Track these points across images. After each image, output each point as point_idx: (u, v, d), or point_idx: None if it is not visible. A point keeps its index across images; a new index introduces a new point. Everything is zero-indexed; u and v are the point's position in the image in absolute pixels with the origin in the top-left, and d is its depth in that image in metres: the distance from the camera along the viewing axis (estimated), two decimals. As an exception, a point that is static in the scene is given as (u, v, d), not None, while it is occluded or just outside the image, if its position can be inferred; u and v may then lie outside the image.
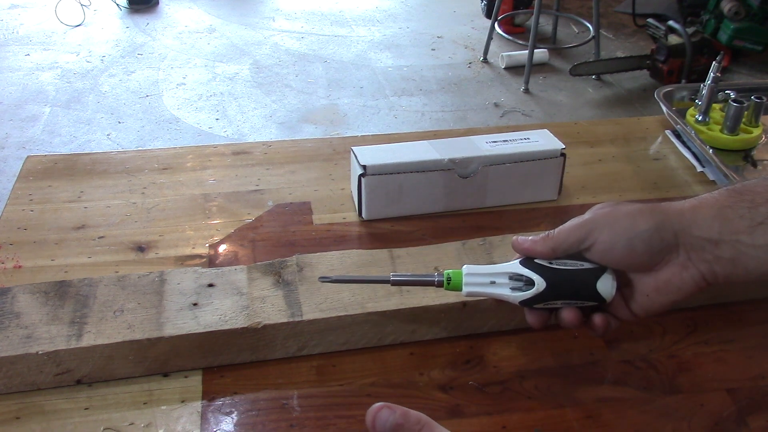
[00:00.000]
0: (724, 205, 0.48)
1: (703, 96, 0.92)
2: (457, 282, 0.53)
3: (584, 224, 0.51)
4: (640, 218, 0.49)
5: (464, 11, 3.83)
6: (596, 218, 0.51)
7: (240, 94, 2.93)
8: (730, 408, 0.57)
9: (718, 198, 0.49)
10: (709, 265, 0.49)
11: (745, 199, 0.48)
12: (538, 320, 0.54)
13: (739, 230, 0.47)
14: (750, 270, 0.48)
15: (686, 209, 0.49)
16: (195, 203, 0.79)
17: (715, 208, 0.49)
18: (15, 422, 0.54)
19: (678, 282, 0.50)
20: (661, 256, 0.50)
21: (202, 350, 0.58)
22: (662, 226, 0.49)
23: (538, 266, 0.52)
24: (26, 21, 3.56)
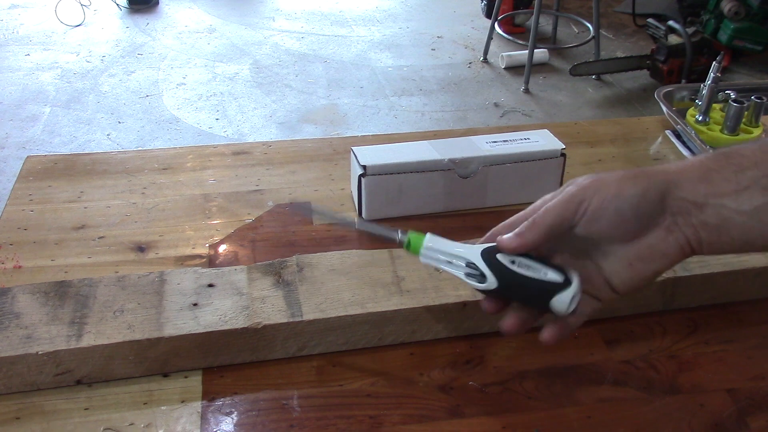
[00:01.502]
0: (710, 168, 0.47)
1: (703, 96, 0.92)
2: (416, 248, 0.52)
3: (572, 198, 0.48)
4: (626, 184, 0.47)
5: (464, 11, 3.83)
6: (584, 189, 0.48)
7: (240, 94, 2.93)
8: (730, 408, 0.57)
9: (704, 161, 0.47)
10: (695, 230, 0.47)
11: (732, 163, 0.46)
12: (491, 307, 0.52)
13: (724, 194, 0.45)
14: (734, 237, 0.46)
15: (672, 172, 0.47)
16: (195, 203, 0.79)
17: (701, 170, 0.47)
18: (15, 422, 0.54)
19: (663, 247, 0.48)
20: (648, 221, 0.47)
21: (202, 350, 0.58)
22: (649, 190, 0.47)
23: (497, 264, 0.49)
24: (26, 21, 3.56)
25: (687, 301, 0.66)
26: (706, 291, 0.66)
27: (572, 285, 0.47)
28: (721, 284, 0.66)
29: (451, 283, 0.62)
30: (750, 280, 0.66)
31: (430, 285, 0.62)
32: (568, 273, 0.48)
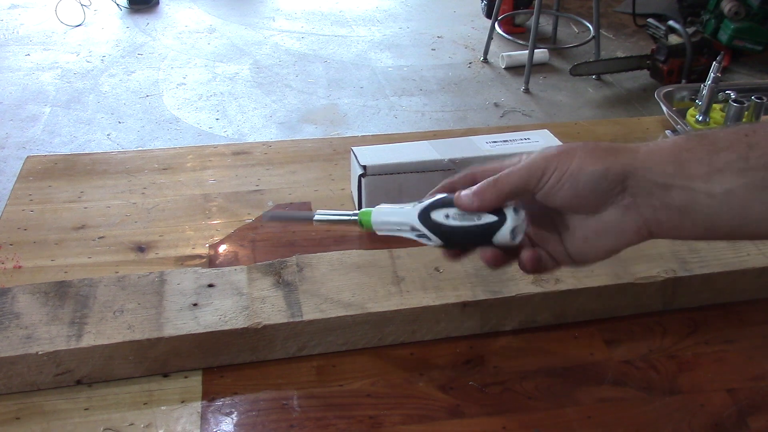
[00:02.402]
0: (682, 148, 0.46)
1: (703, 96, 0.92)
2: (368, 225, 0.53)
3: (536, 166, 0.47)
4: (589, 159, 0.46)
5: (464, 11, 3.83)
6: (548, 159, 0.47)
7: (240, 94, 2.93)
8: (730, 408, 0.57)
9: (678, 141, 0.46)
10: (654, 212, 0.46)
11: (706, 144, 0.45)
12: (452, 256, 0.52)
13: (695, 175, 0.44)
14: (697, 222, 0.45)
15: (641, 152, 0.46)
16: (195, 203, 0.79)
17: (672, 152, 0.46)
18: (15, 422, 0.54)
19: (618, 225, 0.47)
20: (605, 198, 0.47)
21: (202, 350, 0.58)
22: (611, 168, 0.46)
23: (433, 223, 0.50)
24: (26, 21, 3.56)
25: (687, 301, 0.66)
26: (706, 291, 0.66)
27: (507, 220, 0.48)
28: (721, 284, 0.66)
29: (451, 283, 0.62)
30: (750, 280, 0.66)
31: (430, 285, 0.62)
32: (503, 209, 0.49)
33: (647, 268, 0.65)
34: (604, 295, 0.64)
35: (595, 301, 0.64)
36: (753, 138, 0.43)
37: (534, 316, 0.63)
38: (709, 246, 0.67)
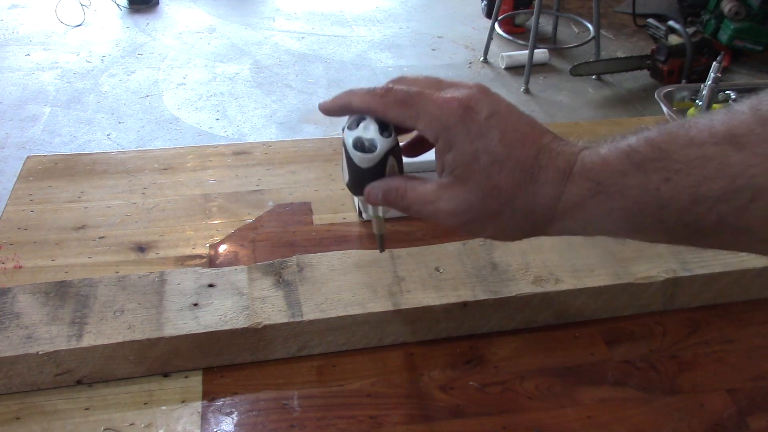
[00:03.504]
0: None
1: (703, 96, 0.92)
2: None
3: (456, 219, 0.45)
4: (507, 233, 0.45)
5: (464, 11, 3.83)
6: (471, 218, 0.44)
7: (240, 94, 2.93)
8: (730, 408, 0.57)
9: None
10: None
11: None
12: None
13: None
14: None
15: (558, 209, 0.43)
16: (195, 203, 0.79)
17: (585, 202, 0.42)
18: (15, 422, 0.54)
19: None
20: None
21: (202, 350, 0.58)
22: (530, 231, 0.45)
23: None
24: (26, 21, 3.56)
25: (687, 301, 0.66)
26: (706, 291, 0.66)
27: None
28: (721, 284, 0.66)
29: (451, 283, 0.62)
30: (750, 280, 0.66)
31: (430, 285, 0.62)
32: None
33: (647, 268, 0.65)
34: (604, 295, 0.64)
35: (595, 301, 0.64)
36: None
37: (534, 316, 0.63)
38: (709, 246, 0.67)
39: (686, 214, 0.39)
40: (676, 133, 0.39)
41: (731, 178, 0.37)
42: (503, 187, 0.43)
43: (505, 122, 0.44)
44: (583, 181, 0.41)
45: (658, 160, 0.39)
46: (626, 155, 0.40)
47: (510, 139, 0.43)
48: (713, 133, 0.37)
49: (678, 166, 0.38)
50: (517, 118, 0.45)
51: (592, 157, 0.42)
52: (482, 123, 0.44)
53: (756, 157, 0.36)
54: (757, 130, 0.36)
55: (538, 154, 0.43)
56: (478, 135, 0.43)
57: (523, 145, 0.43)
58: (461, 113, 0.44)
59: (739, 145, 0.36)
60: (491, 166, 0.43)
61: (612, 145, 0.41)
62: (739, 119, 0.37)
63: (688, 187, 0.38)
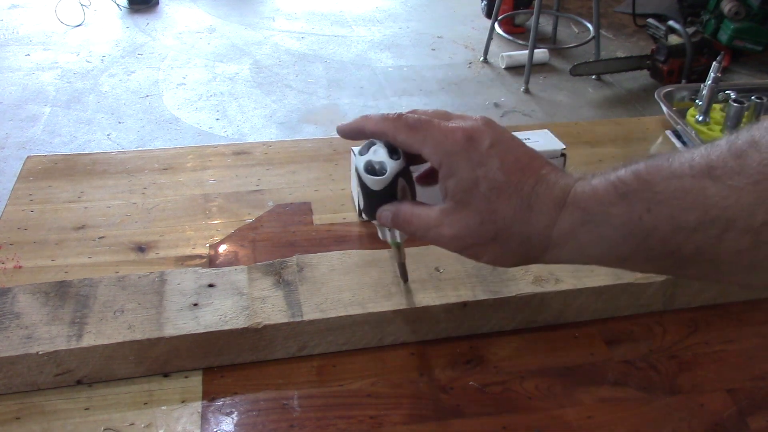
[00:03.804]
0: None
1: (703, 96, 0.92)
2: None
3: (452, 245, 0.48)
4: (500, 259, 0.47)
5: (464, 11, 3.83)
6: (464, 245, 0.47)
7: (240, 94, 2.93)
8: (730, 408, 0.57)
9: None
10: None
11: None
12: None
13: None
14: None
15: (553, 241, 0.45)
16: (195, 203, 0.79)
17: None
18: (15, 422, 0.54)
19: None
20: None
21: (202, 350, 0.58)
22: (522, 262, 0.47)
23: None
24: (26, 21, 3.56)
25: (687, 301, 0.66)
26: (706, 291, 0.66)
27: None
28: (721, 284, 0.66)
29: (451, 283, 0.62)
30: (750, 280, 0.66)
31: (430, 285, 0.62)
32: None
33: (647, 268, 0.65)
34: (604, 295, 0.64)
35: (595, 301, 0.64)
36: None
37: (534, 316, 0.63)
38: (709, 246, 0.67)
39: (667, 243, 0.40)
40: (660, 166, 0.41)
41: (706, 209, 0.38)
42: (501, 213, 0.45)
43: (506, 152, 0.46)
44: (574, 210, 0.43)
45: (642, 191, 0.41)
46: (613, 186, 0.42)
47: (510, 168, 0.45)
48: (692, 165, 0.39)
49: (659, 197, 0.40)
50: (518, 149, 0.47)
51: (584, 188, 0.44)
52: (484, 152, 0.46)
53: (729, 189, 0.38)
54: (731, 163, 0.38)
55: (535, 184, 0.45)
56: (479, 163, 0.45)
57: (523, 174, 0.45)
58: (464, 142, 0.46)
59: (715, 178, 0.38)
60: (490, 192, 0.45)
61: (603, 177, 0.44)
62: (717, 153, 0.39)
63: (667, 217, 0.40)
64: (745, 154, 0.37)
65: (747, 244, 0.37)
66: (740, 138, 0.38)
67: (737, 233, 0.38)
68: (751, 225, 0.37)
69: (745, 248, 0.38)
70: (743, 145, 0.38)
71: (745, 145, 0.38)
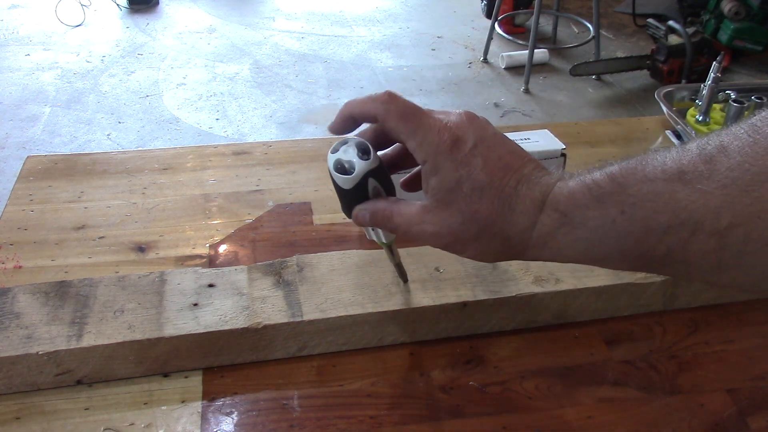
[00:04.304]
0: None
1: (703, 96, 0.92)
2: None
3: (432, 240, 0.48)
4: (481, 254, 0.47)
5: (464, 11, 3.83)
6: (443, 243, 0.47)
7: (240, 94, 2.93)
8: (730, 408, 0.57)
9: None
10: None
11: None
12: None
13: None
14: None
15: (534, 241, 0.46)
16: (195, 203, 0.79)
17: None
18: (15, 422, 0.54)
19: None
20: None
21: (202, 350, 0.58)
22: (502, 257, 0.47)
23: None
24: (26, 21, 3.56)
25: (687, 301, 0.66)
26: (706, 291, 0.66)
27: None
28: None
29: (451, 283, 0.62)
30: (750, 280, 0.66)
31: (430, 285, 0.62)
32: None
33: (647, 268, 0.65)
34: (604, 295, 0.64)
35: (595, 301, 0.64)
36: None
37: (534, 316, 0.63)
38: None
39: (640, 244, 0.41)
40: (634, 169, 0.42)
41: (676, 212, 0.39)
42: (483, 213, 0.45)
43: (489, 151, 0.46)
44: (552, 212, 0.44)
45: (616, 193, 0.42)
46: (589, 189, 0.43)
47: (492, 168, 0.46)
48: (665, 169, 0.40)
49: (632, 200, 0.41)
50: (501, 147, 0.47)
51: (562, 189, 0.44)
52: (468, 152, 0.46)
53: (698, 192, 0.38)
54: (700, 168, 0.39)
55: (517, 184, 0.45)
56: (463, 163, 0.46)
57: (504, 174, 0.45)
58: (451, 142, 0.46)
59: (685, 182, 0.39)
60: (472, 193, 0.45)
61: (579, 179, 0.44)
62: (688, 157, 0.40)
63: (640, 220, 0.41)
64: (714, 159, 0.38)
65: (713, 246, 0.38)
66: (710, 143, 0.39)
67: (704, 236, 0.38)
68: (717, 228, 0.38)
69: (712, 250, 0.39)
70: (713, 151, 0.39)
71: (714, 151, 0.39)
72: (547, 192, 0.45)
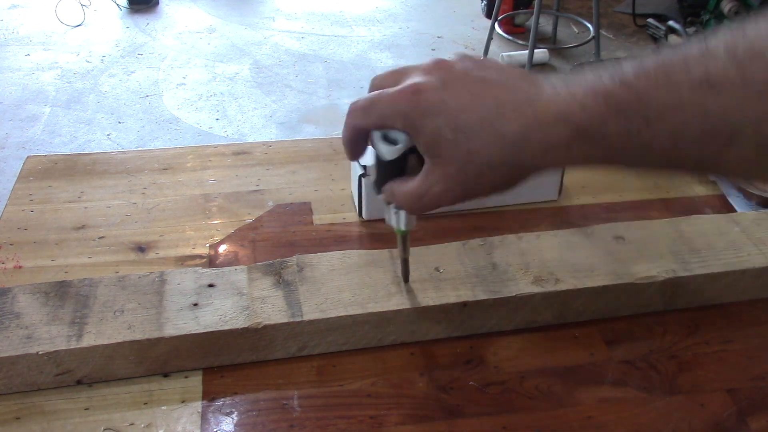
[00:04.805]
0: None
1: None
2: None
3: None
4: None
5: (464, 11, 3.83)
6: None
7: (240, 94, 2.93)
8: (730, 408, 0.57)
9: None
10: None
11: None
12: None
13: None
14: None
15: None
16: (195, 203, 0.79)
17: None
18: (15, 422, 0.54)
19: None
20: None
21: (202, 350, 0.58)
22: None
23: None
24: (26, 21, 3.56)
25: (687, 301, 0.66)
26: (706, 291, 0.66)
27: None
28: (721, 284, 0.66)
29: (451, 283, 0.62)
30: (750, 280, 0.66)
31: (430, 285, 0.62)
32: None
33: (647, 268, 0.65)
34: (604, 295, 0.64)
35: (595, 301, 0.64)
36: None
37: (534, 316, 0.63)
38: (709, 246, 0.67)
39: (667, 154, 0.39)
40: (653, 74, 0.39)
41: (708, 122, 0.37)
42: (476, 151, 0.44)
43: (458, 90, 0.44)
44: (563, 126, 0.41)
45: (637, 104, 0.39)
46: (604, 99, 0.40)
47: (467, 106, 0.44)
48: (690, 77, 0.37)
49: (656, 112, 0.38)
50: (470, 81, 0.45)
51: (567, 100, 0.41)
52: (436, 99, 0.44)
53: (731, 101, 0.36)
54: (732, 74, 0.36)
55: (498, 110, 0.43)
56: (435, 112, 0.44)
57: (482, 106, 0.43)
58: (414, 98, 0.45)
59: (715, 90, 0.36)
60: (456, 135, 0.44)
61: (581, 86, 0.41)
62: (714, 62, 0.37)
63: (668, 132, 0.38)
64: (746, 64, 0.35)
65: (752, 155, 0.37)
66: (739, 46, 0.36)
67: (742, 146, 0.36)
68: (758, 140, 0.36)
69: (751, 159, 0.37)
70: (745, 55, 0.36)
71: (747, 55, 0.36)
72: (539, 105, 0.42)
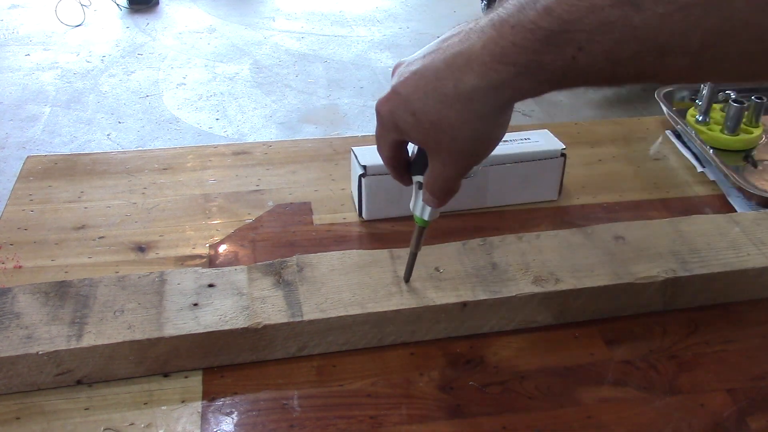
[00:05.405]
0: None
1: (703, 96, 0.92)
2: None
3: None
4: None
5: (464, 11, 3.83)
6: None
7: (240, 94, 2.93)
8: (730, 408, 0.57)
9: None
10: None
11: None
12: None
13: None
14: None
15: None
16: (195, 203, 0.79)
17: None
18: (15, 422, 0.54)
19: None
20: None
21: (202, 350, 0.58)
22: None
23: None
24: (26, 21, 3.56)
25: (687, 301, 0.66)
26: (706, 291, 0.66)
27: None
28: (721, 284, 0.66)
29: (451, 283, 0.62)
30: (750, 280, 0.66)
31: (430, 285, 0.62)
32: None
33: (647, 268, 0.65)
34: (604, 295, 0.64)
35: (595, 301, 0.64)
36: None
37: (534, 316, 0.63)
38: (709, 246, 0.67)
39: (604, 73, 0.40)
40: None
41: (638, 41, 0.37)
42: (434, 119, 0.47)
43: (406, 79, 0.48)
44: (502, 67, 0.43)
45: (565, 31, 0.39)
46: (531, 32, 0.40)
47: (411, 86, 0.48)
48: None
49: (586, 35, 0.39)
50: (414, 65, 0.48)
51: (499, 42, 0.42)
52: (402, 100, 0.49)
53: (655, 17, 0.36)
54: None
55: (436, 74, 0.46)
56: (405, 109, 0.48)
57: (438, 81, 0.46)
58: (387, 104, 0.50)
59: (637, 6, 0.36)
60: (415, 116, 0.47)
61: (507, 23, 0.42)
62: None
63: (601, 53, 0.39)
64: None
65: (687, 63, 0.37)
66: None
67: (675, 57, 0.37)
68: (688, 50, 0.36)
69: (686, 66, 0.38)
70: None
71: None
72: (473, 54, 0.44)
